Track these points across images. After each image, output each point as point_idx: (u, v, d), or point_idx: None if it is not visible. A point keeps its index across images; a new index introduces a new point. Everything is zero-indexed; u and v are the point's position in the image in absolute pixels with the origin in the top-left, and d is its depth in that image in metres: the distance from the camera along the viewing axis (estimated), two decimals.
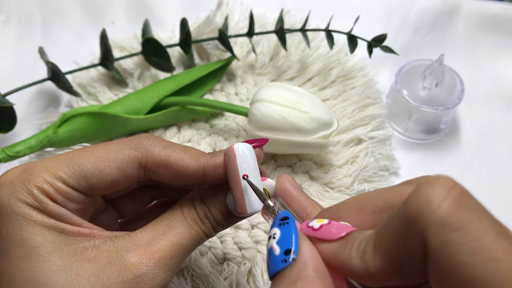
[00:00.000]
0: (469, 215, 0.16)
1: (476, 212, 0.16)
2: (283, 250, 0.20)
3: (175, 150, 0.27)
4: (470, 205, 0.16)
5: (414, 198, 0.17)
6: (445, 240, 0.15)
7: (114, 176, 0.26)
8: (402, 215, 0.17)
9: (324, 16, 0.50)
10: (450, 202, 0.16)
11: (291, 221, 0.21)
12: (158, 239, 0.26)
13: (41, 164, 0.25)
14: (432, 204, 0.16)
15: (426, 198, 0.16)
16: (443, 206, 0.16)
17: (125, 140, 0.27)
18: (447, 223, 0.15)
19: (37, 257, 0.23)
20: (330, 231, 0.20)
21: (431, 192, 0.16)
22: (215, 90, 0.51)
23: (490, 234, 0.15)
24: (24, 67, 0.54)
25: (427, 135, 0.47)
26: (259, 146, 0.28)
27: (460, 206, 0.16)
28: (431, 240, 0.16)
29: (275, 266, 0.20)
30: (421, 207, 0.16)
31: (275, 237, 0.20)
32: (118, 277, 0.24)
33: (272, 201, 0.24)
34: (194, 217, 0.27)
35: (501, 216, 0.49)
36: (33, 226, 0.24)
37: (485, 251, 0.15)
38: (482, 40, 0.55)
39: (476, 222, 0.15)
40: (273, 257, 0.20)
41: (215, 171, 0.27)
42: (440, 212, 0.16)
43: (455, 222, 0.15)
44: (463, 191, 0.16)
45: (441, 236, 0.15)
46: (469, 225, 0.15)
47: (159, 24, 0.56)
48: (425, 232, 0.16)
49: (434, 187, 0.16)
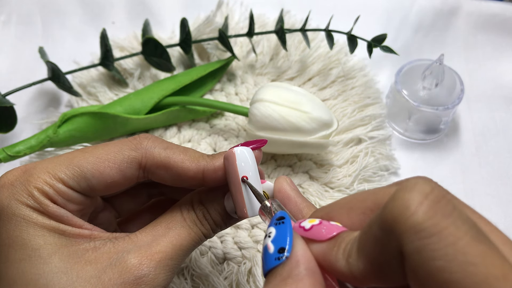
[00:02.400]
0: (444, 221, 0.16)
1: (452, 217, 0.16)
2: (277, 248, 0.20)
3: (175, 152, 0.27)
4: (446, 210, 0.16)
5: (391, 204, 0.17)
6: (420, 246, 0.15)
7: (114, 177, 0.26)
8: (380, 221, 0.17)
9: (324, 16, 0.50)
10: (426, 207, 0.16)
11: (287, 221, 0.21)
12: (158, 241, 0.26)
13: (41, 165, 0.25)
14: (408, 210, 0.16)
15: (402, 204, 0.16)
16: (418, 212, 0.16)
17: (125, 140, 0.27)
18: (422, 229, 0.16)
19: (38, 259, 0.23)
20: (320, 231, 0.20)
21: (407, 198, 0.16)
22: (215, 90, 0.51)
23: (466, 238, 0.15)
24: (24, 67, 0.54)
25: (427, 135, 0.47)
26: (258, 148, 0.28)
27: (435, 211, 0.16)
28: (407, 246, 0.16)
29: (269, 264, 0.20)
30: (397, 213, 0.16)
31: (270, 236, 0.21)
32: (119, 279, 0.24)
33: (270, 202, 0.24)
34: (193, 218, 0.27)
35: (501, 216, 0.49)
36: (34, 228, 0.24)
37: (461, 255, 0.15)
38: (482, 40, 0.55)
39: (451, 227, 0.15)
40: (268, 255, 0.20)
41: (214, 174, 0.27)
42: (416, 218, 0.16)
43: (430, 227, 0.15)
44: (440, 196, 0.16)
45: (416, 242, 0.16)
46: (445, 230, 0.15)
47: (159, 24, 0.56)
48: (401, 238, 0.16)
49: (410, 192, 0.16)
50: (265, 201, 0.24)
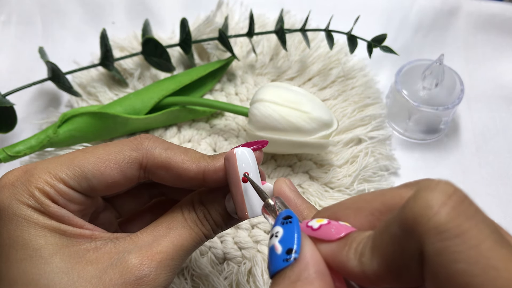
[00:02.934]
0: (467, 223, 0.15)
1: (475, 219, 0.15)
2: (285, 249, 0.20)
3: (176, 153, 0.27)
4: (469, 212, 0.16)
5: (413, 204, 0.16)
6: (442, 247, 0.15)
7: (115, 177, 0.26)
8: (400, 220, 0.17)
9: (324, 16, 0.50)
10: (449, 208, 0.16)
11: (294, 220, 0.21)
12: (159, 241, 0.26)
13: (41, 166, 0.25)
14: (430, 211, 0.16)
15: (424, 204, 0.16)
16: (441, 212, 0.16)
17: (125, 141, 0.27)
18: (445, 230, 0.15)
19: (39, 259, 0.23)
20: (329, 231, 0.20)
21: (430, 198, 0.16)
22: (215, 90, 0.51)
23: (489, 242, 0.15)
24: (24, 67, 0.54)
25: (427, 135, 0.47)
26: (259, 148, 0.28)
27: (458, 213, 0.16)
28: (428, 247, 0.16)
29: (276, 265, 0.19)
30: (419, 213, 0.16)
31: (277, 236, 0.20)
32: (120, 279, 0.24)
33: (273, 199, 0.24)
34: (194, 219, 0.27)
35: (501, 216, 0.49)
36: (35, 228, 0.24)
37: (483, 259, 0.15)
38: (482, 40, 0.55)
39: (474, 229, 0.15)
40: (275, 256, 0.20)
41: (215, 174, 0.27)
42: (438, 218, 0.15)
43: (453, 229, 0.15)
44: (463, 198, 0.16)
45: (438, 243, 0.15)
46: (467, 232, 0.15)
47: (159, 24, 0.56)
48: (422, 239, 0.16)
49: (433, 192, 0.16)
50: (268, 199, 0.24)
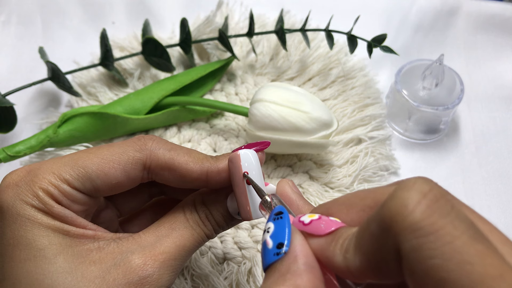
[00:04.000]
0: (442, 220, 0.16)
1: (449, 216, 0.16)
2: (276, 244, 0.20)
3: (179, 153, 0.27)
4: (444, 209, 0.16)
5: (390, 203, 0.17)
6: (417, 244, 0.16)
7: (119, 177, 0.26)
8: (378, 219, 0.17)
9: (324, 16, 0.50)
10: (424, 207, 0.16)
11: (285, 216, 0.21)
12: (162, 241, 0.26)
13: (45, 166, 0.25)
14: (406, 209, 0.16)
15: (400, 203, 0.16)
16: (416, 210, 0.16)
17: (129, 141, 0.27)
18: (420, 228, 0.16)
19: (43, 259, 0.23)
20: (319, 226, 0.21)
21: (406, 197, 0.16)
22: (215, 90, 0.51)
23: (464, 237, 0.15)
24: (24, 67, 0.54)
25: (427, 135, 0.47)
26: (261, 149, 0.28)
27: (433, 210, 0.16)
28: (404, 244, 0.16)
29: (268, 259, 0.20)
30: (395, 211, 0.16)
31: (269, 231, 0.21)
32: (124, 279, 0.24)
33: (270, 197, 0.24)
34: (196, 219, 0.27)
35: (501, 216, 0.49)
36: (39, 228, 0.24)
37: (458, 254, 0.15)
38: (482, 40, 0.55)
39: (449, 226, 0.15)
40: (266, 250, 0.20)
41: (218, 175, 0.27)
42: (413, 217, 0.16)
43: (427, 226, 0.16)
44: (439, 195, 0.16)
45: (413, 240, 0.16)
46: (442, 229, 0.15)
47: (159, 24, 0.56)
48: (398, 237, 0.16)
49: (409, 191, 0.16)
50: (265, 196, 0.24)
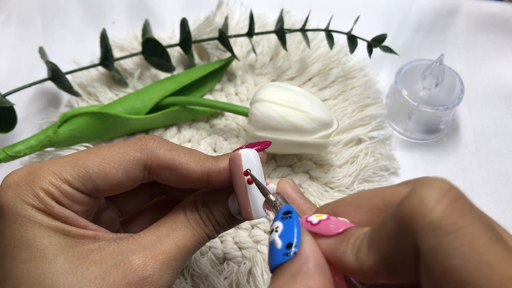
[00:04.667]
0: (462, 219, 0.15)
1: (470, 216, 0.16)
2: (285, 244, 0.20)
3: (180, 154, 0.27)
4: (464, 209, 0.16)
5: (409, 200, 0.17)
6: (437, 243, 0.15)
7: (119, 178, 0.26)
8: (396, 217, 0.17)
9: (324, 16, 0.50)
10: (444, 205, 0.16)
11: (294, 215, 0.21)
12: (162, 241, 0.26)
13: (46, 166, 0.25)
14: (426, 207, 0.16)
15: (420, 201, 0.16)
16: (436, 209, 0.16)
17: (130, 141, 0.27)
18: (440, 227, 0.15)
19: (43, 259, 0.23)
20: (328, 226, 0.20)
21: (426, 195, 0.16)
22: (215, 90, 0.51)
23: (484, 238, 0.15)
24: (24, 67, 0.54)
25: (427, 135, 0.47)
26: (262, 149, 0.28)
27: (454, 210, 0.16)
28: (423, 243, 0.16)
29: (276, 259, 0.20)
30: (414, 209, 0.16)
31: (277, 231, 0.21)
32: (124, 279, 0.24)
33: (274, 195, 0.24)
34: (197, 219, 0.27)
35: (501, 216, 0.49)
36: (39, 228, 0.24)
37: (477, 255, 0.15)
38: (482, 40, 0.55)
39: (469, 226, 0.15)
40: (275, 250, 0.20)
41: (219, 175, 0.27)
42: (433, 215, 0.16)
43: (447, 226, 0.15)
44: (459, 195, 0.16)
45: (433, 239, 0.15)
46: (462, 229, 0.15)
47: (159, 24, 0.56)
48: (417, 235, 0.16)
49: (429, 189, 0.16)
50: (270, 194, 0.24)
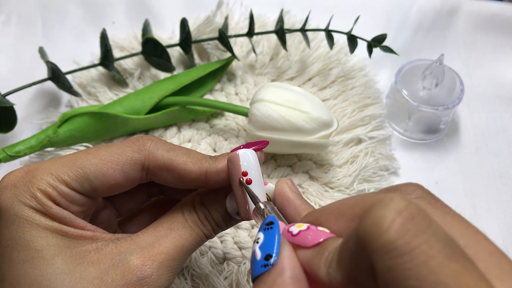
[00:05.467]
0: (417, 239, 0.15)
1: (425, 234, 0.15)
2: (264, 255, 0.20)
3: (178, 154, 0.27)
4: (420, 227, 0.15)
5: (365, 221, 0.16)
6: (392, 265, 0.15)
7: (117, 178, 0.26)
8: (354, 237, 0.17)
9: (324, 16, 0.50)
10: (398, 225, 0.15)
11: (275, 226, 0.21)
12: (160, 241, 0.26)
13: (43, 167, 0.25)
14: (380, 228, 0.16)
15: (374, 222, 0.16)
16: (390, 230, 0.15)
17: (128, 142, 0.27)
18: (394, 248, 0.15)
19: (41, 260, 0.23)
20: (306, 237, 0.20)
21: (380, 215, 0.16)
22: (215, 90, 0.51)
23: (439, 257, 0.15)
24: (24, 67, 0.54)
25: (427, 135, 0.47)
26: (260, 149, 0.28)
27: (407, 229, 0.15)
28: (378, 265, 0.16)
29: (256, 270, 0.20)
30: (369, 230, 0.16)
31: (258, 242, 0.21)
32: (122, 280, 0.24)
33: (264, 204, 0.24)
34: (195, 219, 0.27)
35: (501, 216, 0.49)
36: (37, 229, 0.24)
37: (432, 275, 0.14)
38: (482, 40, 0.55)
39: (423, 245, 0.15)
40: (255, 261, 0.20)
41: (217, 175, 0.27)
42: (387, 236, 0.15)
43: (401, 247, 0.15)
44: (415, 212, 0.16)
45: (387, 261, 0.15)
46: (416, 249, 0.15)
47: (159, 24, 0.56)
48: (372, 257, 0.16)
49: (383, 209, 0.16)
50: (259, 203, 0.24)
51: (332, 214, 0.21)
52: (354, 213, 0.20)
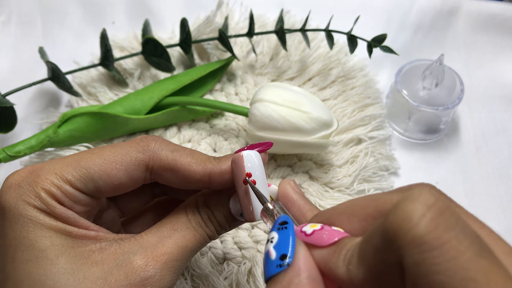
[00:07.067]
0: (446, 234, 0.15)
1: (455, 230, 0.15)
2: (279, 255, 0.20)
3: (182, 154, 0.27)
4: (449, 223, 0.15)
5: (393, 215, 0.16)
6: (421, 259, 0.15)
7: (121, 179, 0.26)
8: (381, 231, 0.17)
9: (324, 16, 0.50)
10: (428, 220, 0.15)
11: (290, 226, 0.21)
12: (164, 242, 0.26)
13: (48, 167, 0.25)
14: (409, 222, 0.16)
15: (404, 216, 0.16)
16: (420, 224, 0.15)
17: (132, 142, 0.27)
18: (423, 243, 0.15)
19: (45, 260, 0.23)
20: (322, 237, 0.20)
21: (410, 209, 0.16)
22: (215, 90, 0.51)
23: (468, 253, 0.15)
24: (24, 67, 0.54)
25: (427, 135, 0.47)
26: (264, 150, 0.28)
27: (437, 224, 0.15)
28: (407, 259, 0.16)
29: (270, 270, 0.20)
30: (398, 225, 0.16)
31: (272, 241, 0.21)
32: (126, 280, 0.24)
33: (272, 204, 0.24)
34: (198, 220, 0.27)
35: (501, 216, 0.49)
36: (41, 229, 0.24)
37: (462, 271, 0.15)
38: (482, 40, 0.55)
39: (453, 241, 0.15)
40: (269, 261, 0.20)
41: (221, 177, 0.27)
42: (416, 231, 0.15)
43: (431, 241, 0.15)
44: (443, 208, 0.16)
45: (416, 255, 0.15)
46: (446, 244, 0.15)
47: (159, 24, 0.56)
48: (401, 251, 0.16)
49: (413, 204, 0.16)
50: (267, 203, 0.24)
51: (343, 214, 0.21)
52: (367, 213, 0.20)
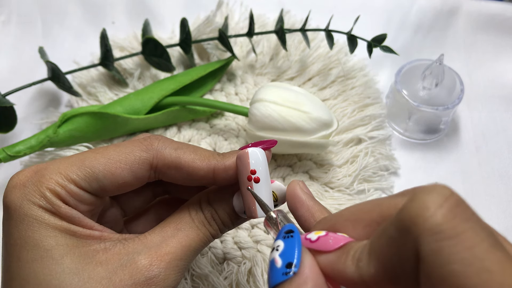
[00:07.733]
0: (463, 225, 0.15)
1: (471, 222, 0.16)
2: (285, 263, 0.20)
3: (185, 152, 0.27)
4: (465, 214, 0.16)
5: (410, 205, 0.17)
6: (438, 248, 0.15)
7: (126, 178, 0.26)
8: (397, 222, 0.17)
9: (324, 16, 0.50)
10: (445, 210, 0.16)
11: (296, 235, 0.21)
12: (168, 242, 0.26)
13: (52, 166, 0.25)
14: (427, 212, 0.16)
15: (421, 206, 0.16)
16: (437, 214, 0.16)
17: (135, 141, 0.27)
18: (440, 231, 0.15)
19: (50, 259, 0.23)
20: (327, 242, 0.20)
21: (427, 199, 0.16)
22: (215, 90, 0.51)
23: (484, 244, 0.15)
24: (24, 67, 0.54)
25: (427, 135, 0.47)
26: (268, 148, 0.28)
27: (455, 215, 0.16)
28: (423, 247, 0.16)
29: (275, 278, 0.20)
30: (415, 214, 0.16)
31: (278, 249, 0.21)
32: (130, 280, 0.24)
33: (275, 212, 0.24)
34: (201, 219, 0.27)
35: (501, 216, 0.49)
36: (46, 228, 0.24)
37: (478, 261, 0.15)
38: (482, 40, 0.55)
39: (470, 231, 0.15)
40: (275, 269, 0.20)
41: (225, 172, 0.27)
42: (434, 219, 0.16)
43: (448, 230, 0.15)
44: (460, 201, 0.16)
45: (433, 244, 0.15)
46: (463, 234, 0.15)
47: (159, 24, 0.56)
48: (418, 240, 0.16)
49: (430, 194, 0.16)
50: (271, 212, 0.24)
51: (348, 220, 0.21)
52: (371, 218, 0.20)
